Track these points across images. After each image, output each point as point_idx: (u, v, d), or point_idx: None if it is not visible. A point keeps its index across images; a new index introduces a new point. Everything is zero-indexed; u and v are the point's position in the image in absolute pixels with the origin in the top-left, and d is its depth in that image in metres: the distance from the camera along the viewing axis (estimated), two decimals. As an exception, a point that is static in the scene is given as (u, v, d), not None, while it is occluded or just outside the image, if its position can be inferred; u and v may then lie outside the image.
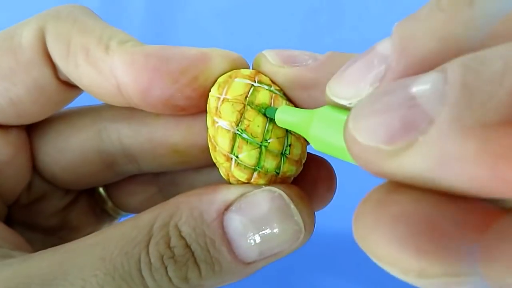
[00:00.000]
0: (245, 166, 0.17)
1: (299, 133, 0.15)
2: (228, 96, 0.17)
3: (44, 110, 0.20)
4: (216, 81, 0.18)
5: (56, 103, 0.20)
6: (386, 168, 0.09)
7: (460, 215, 0.09)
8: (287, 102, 0.18)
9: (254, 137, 0.17)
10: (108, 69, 0.17)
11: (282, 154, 0.17)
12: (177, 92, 0.17)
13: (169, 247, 0.15)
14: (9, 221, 0.22)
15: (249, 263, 0.16)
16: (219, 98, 0.17)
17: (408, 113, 0.09)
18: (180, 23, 0.47)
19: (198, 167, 0.22)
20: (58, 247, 0.16)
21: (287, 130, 0.17)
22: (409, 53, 0.11)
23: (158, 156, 0.21)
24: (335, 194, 0.20)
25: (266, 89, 0.18)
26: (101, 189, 0.25)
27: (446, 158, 0.08)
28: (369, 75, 0.12)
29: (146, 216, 0.16)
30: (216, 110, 0.17)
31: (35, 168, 0.22)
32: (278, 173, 0.17)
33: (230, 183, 0.18)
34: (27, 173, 0.22)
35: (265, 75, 0.18)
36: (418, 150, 0.09)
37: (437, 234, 0.09)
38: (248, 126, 0.17)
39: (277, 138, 0.17)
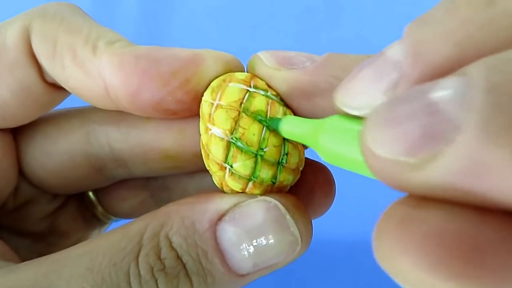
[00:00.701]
0: (239, 176, 0.16)
1: (307, 144, 0.15)
2: (222, 102, 0.16)
3: (30, 112, 0.20)
4: (209, 85, 0.17)
5: (43, 106, 0.20)
6: (409, 182, 0.09)
7: (501, 232, 0.08)
8: (285, 108, 0.17)
9: (250, 146, 0.16)
10: (95, 70, 0.17)
11: (279, 163, 0.17)
12: (168, 95, 0.17)
13: (159, 258, 0.15)
14: None
15: (243, 275, 0.16)
16: (212, 104, 0.17)
17: (430, 121, 0.08)
18: (174, 22, 0.47)
19: (190, 172, 0.21)
20: (44, 257, 0.16)
21: (284, 138, 0.17)
22: (424, 59, 0.10)
23: (149, 161, 0.20)
24: (334, 200, 0.20)
25: (263, 95, 0.17)
26: (90, 194, 0.25)
27: (479, 168, 0.08)
28: (381, 82, 0.11)
29: (136, 225, 0.16)
30: (210, 117, 0.16)
31: (21, 172, 0.22)
32: (274, 183, 0.17)
33: (223, 192, 0.17)
34: (13, 178, 0.21)
35: (261, 79, 0.17)
36: (445, 161, 0.08)
37: (477, 254, 0.08)
38: (243, 134, 0.16)
39: (274, 146, 0.17)
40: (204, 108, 0.17)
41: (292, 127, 0.16)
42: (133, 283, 0.15)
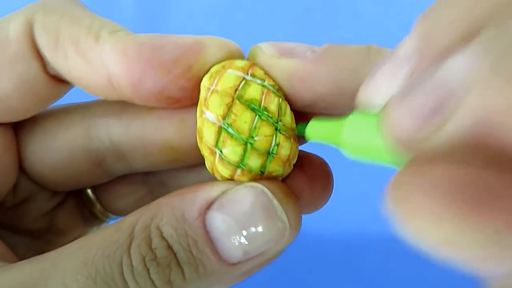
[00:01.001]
0: (228, 161, 0.16)
1: (332, 143, 0.15)
2: (218, 88, 0.17)
3: (32, 106, 0.20)
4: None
5: (45, 99, 0.20)
6: (430, 144, 0.09)
7: None
8: (280, 99, 0.17)
9: (240, 133, 0.16)
10: (98, 59, 0.17)
11: (269, 153, 0.17)
12: (170, 83, 0.17)
13: (150, 248, 0.15)
14: None
15: (234, 264, 0.16)
16: (209, 89, 0.17)
17: (442, 90, 0.09)
18: (172, 22, 0.47)
19: (190, 166, 0.22)
20: (40, 256, 0.16)
21: (276, 128, 0.17)
22: (431, 51, 0.11)
23: (150, 154, 0.20)
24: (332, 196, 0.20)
25: (258, 84, 0.17)
26: (89, 191, 0.25)
27: (496, 112, 0.08)
28: (397, 77, 0.12)
29: (128, 219, 0.16)
30: (205, 101, 0.17)
31: (21, 168, 0.22)
32: (263, 172, 0.17)
33: (215, 177, 0.17)
34: (13, 174, 0.21)
35: (261, 68, 0.18)
36: (460, 116, 0.09)
37: (491, 192, 0.08)
38: (235, 121, 0.16)
39: (265, 136, 0.17)
40: (202, 92, 0.17)
41: (316, 130, 0.16)
42: (126, 273, 0.15)
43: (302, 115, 0.19)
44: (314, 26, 0.47)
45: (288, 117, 0.18)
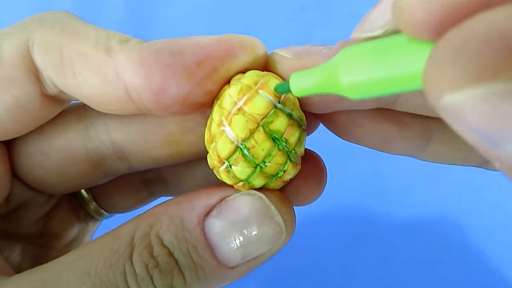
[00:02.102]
0: (234, 175, 0.17)
1: (327, 91, 0.14)
2: (245, 108, 0.16)
3: (25, 127, 0.20)
4: (238, 74, 0.17)
5: (39, 120, 0.20)
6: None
7: None
8: (301, 131, 0.18)
9: (255, 158, 0.17)
10: (113, 72, 0.16)
11: (274, 176, 0.18)
12: (196, 87, 0.16)
13: (152, 256, 0.16)
14: None
15: (232, 267, 0.17)
16: (235, 103, 0.16)
17: None
18: (161, 23, 0.47)
19: (191, 160, 0.22)
20: (37, 268, 0.17)
21: (288, 156, 0.17)
22: None
23: (151, 149, 0.20)
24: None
25: (286, 116, 0.17)
26: (83, 191, 0.25)
27: None
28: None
29: (125, 228, 0.17)
30: (228, 115, 0.16)
31: (16, 175, 0.22)
32: (261, 188, 0.18)
33: (214, 174, 0.18)
34: (5, 186, 0.21)
35: (293, 95, 0.17)
36: None
37: None
38: (254, 147, 0.17)
39: (276, 164, 0.17)
40: (226, 102, 0.17)
41: (303, 81, 0.15)
42: (130, 281, 0.16)
43: (313, 117, 0.19)
44: (307, 25, 0.47)
45: (302, 147, 0.18)
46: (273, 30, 0.46)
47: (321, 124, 0.20)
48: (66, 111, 0.21)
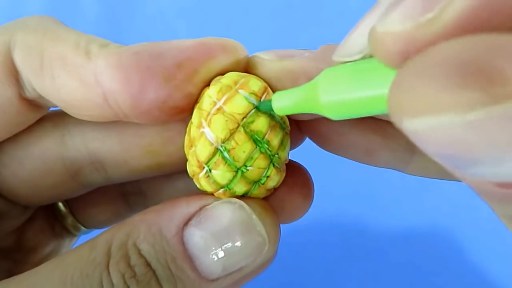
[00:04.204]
0: (214, 181, 0.17)
1: (307, 111, 0.15)
2: (225, 108, 0.17)
3: (2, 132, 0.20)
4: (218, 75, 0.17)
5: (16, 125, 0.20)
6: (427, 34, 0.10)
7: None
8: (284, 133, 0.18)
9: (235, 161, 0.17)
10: (91, 76, 0.17)
11: (256, 182, 0.18)
12: (175, 90, 0.17)
13: (129, 266, 0.16)
14: None
15: (213, 280, 0.17)
16: (215, 103, 0.17)
17: None
18: (139, 22, 0.47)
19: (171, 173, 0.22)
20: (12, 278, 0.17)
21: (271, 161, 0.18)
22: None
23: (130, 160, 0.21)
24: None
25: (267, 116, 0.17)
26: (60, 204, 0.25)
27: None
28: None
29: (102, 237, 0.17)
30: (207, 116, 0.17)
31: None
32: (243, 196, 0.18)
33: (194, 183, 0.18)
34: None
35: (270, 85, 0.18)
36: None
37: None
38: (234, 148, 0.17)
39: (258, 168, 0.17)
40: (205, 102, 0.17)
41: (285, 102, 0.16)
42: None
43: (295, 122, 0.20)
44: (294, 24, 0.47)
45: (285, 152, 0.19)
46: (257, 29, 0.46)
47: None
48: (43, 118, 0.21)
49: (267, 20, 0.47)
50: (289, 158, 0.20)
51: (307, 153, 0.22)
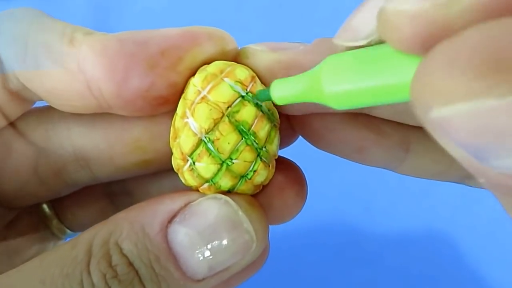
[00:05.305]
0: (198, 174, 0.17)
1: (308, 100, 0.15)
2: (209, 96, 0.17)
3: None
4: (205, 64, 0.17)
5: (0, 118, 0.20)
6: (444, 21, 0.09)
7: None
8: (271, 126, 0.18)
9: (220, 153, 0.17)
10: (74, 63, 0.17)
11: (242, 177, 0.18)
12: (159, 77, 0.17)
13: (110, 265, 0.16)
14: None
15: (199, 280, 0.17)
16: (199, 92, 0.17)
17: None
18: (126, 20, 0.46)
19: (159, 170, 0.22)
20: None
21: (258, 154, 0.18)
22: None
23: (116, 156, 0.21)
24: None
25: (255, 105, 0.17)
26: (45, 206, 0.25)
27: None
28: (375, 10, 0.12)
29: (85, 235, 0.17)
30: (191, 105, 0.17)
31: None
32: (230, 191, 0.18)
33: (179, 178, 0.18)
34: None
35: (261, 85, 0.18)
36: None
37: None
38: (218, 139, 0.17)
39: (244, 161, 0.17)
40: (190, 92, 0.17)
41: (285, 90, 0.16)
42: None
43: (287, 118, 0.19)
44: (285, 22, 0.47)
45: (274, 145, 0.18)
46: (248, 28, 0.46)
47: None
48: (27, 113, 0.21)
49: (259, 19, 0.47)
50: (282, 156, 0.20)
51: (301, 155, 0.21)
